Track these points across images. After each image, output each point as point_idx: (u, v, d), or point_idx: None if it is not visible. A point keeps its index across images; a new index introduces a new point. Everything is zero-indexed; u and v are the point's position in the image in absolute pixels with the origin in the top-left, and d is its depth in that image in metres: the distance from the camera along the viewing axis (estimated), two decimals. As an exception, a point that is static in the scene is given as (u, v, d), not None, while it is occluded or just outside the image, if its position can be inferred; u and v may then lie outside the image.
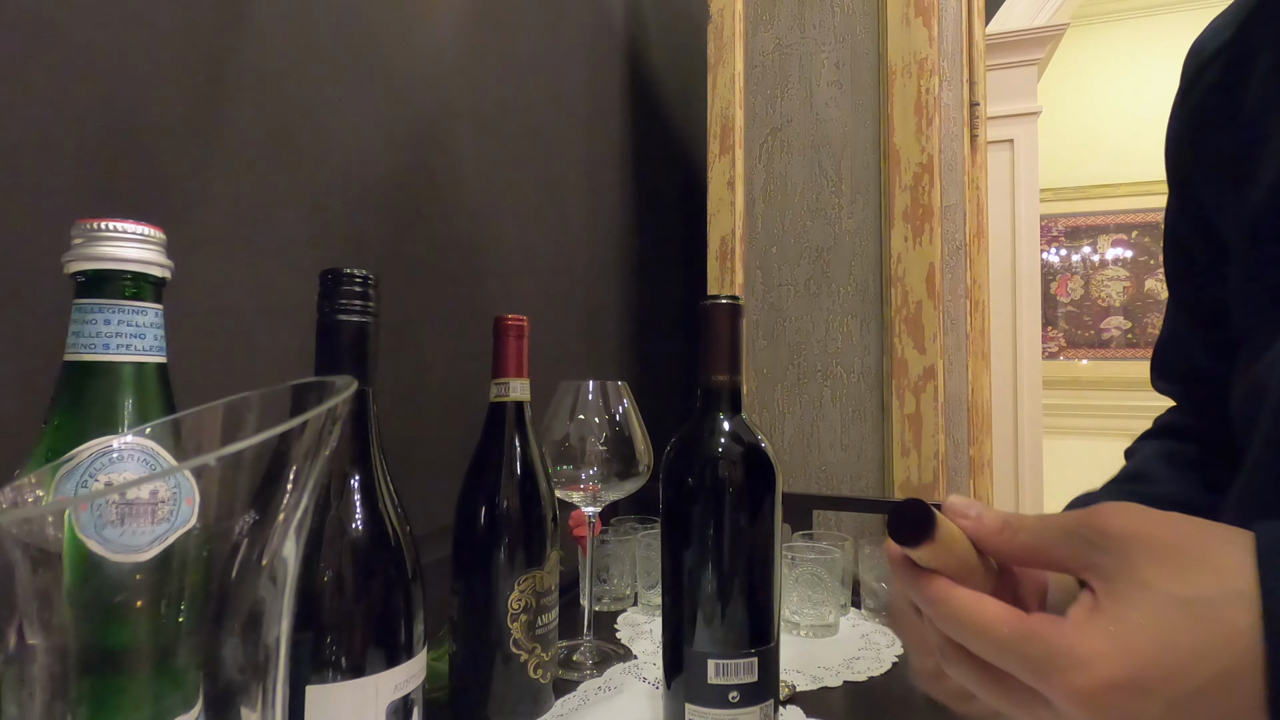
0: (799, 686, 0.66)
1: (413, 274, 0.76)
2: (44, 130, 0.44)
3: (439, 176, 0.81)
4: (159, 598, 0.22)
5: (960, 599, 0.31)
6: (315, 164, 0.64)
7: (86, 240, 0.30)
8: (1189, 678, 0.26)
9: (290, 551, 0.24)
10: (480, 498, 0.57)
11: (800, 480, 1.17)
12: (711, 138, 1.23)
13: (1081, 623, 0.28)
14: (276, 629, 0.24)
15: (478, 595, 0.56)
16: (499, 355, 0.59)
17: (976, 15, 1.29)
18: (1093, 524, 0.30)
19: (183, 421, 0.28)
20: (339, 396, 0.24)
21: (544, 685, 0.58)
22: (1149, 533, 0.29)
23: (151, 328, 0.31)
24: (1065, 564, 0.31)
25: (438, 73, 0.80)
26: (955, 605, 0.31)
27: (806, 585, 0.81)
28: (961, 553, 0.32)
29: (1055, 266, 3.65)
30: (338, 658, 0.39)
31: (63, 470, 0.26)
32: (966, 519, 0.33)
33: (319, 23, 0.65)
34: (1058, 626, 0.28)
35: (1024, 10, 2.25)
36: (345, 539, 0.41)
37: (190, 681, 0.23)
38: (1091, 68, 3.61)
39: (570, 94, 1.12)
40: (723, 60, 1.23)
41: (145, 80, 0.50)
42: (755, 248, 1.21)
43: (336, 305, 0.42)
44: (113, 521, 0.22)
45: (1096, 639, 0.27)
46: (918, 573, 0.32)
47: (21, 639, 0.20)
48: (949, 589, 0.31)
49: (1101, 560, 0.29)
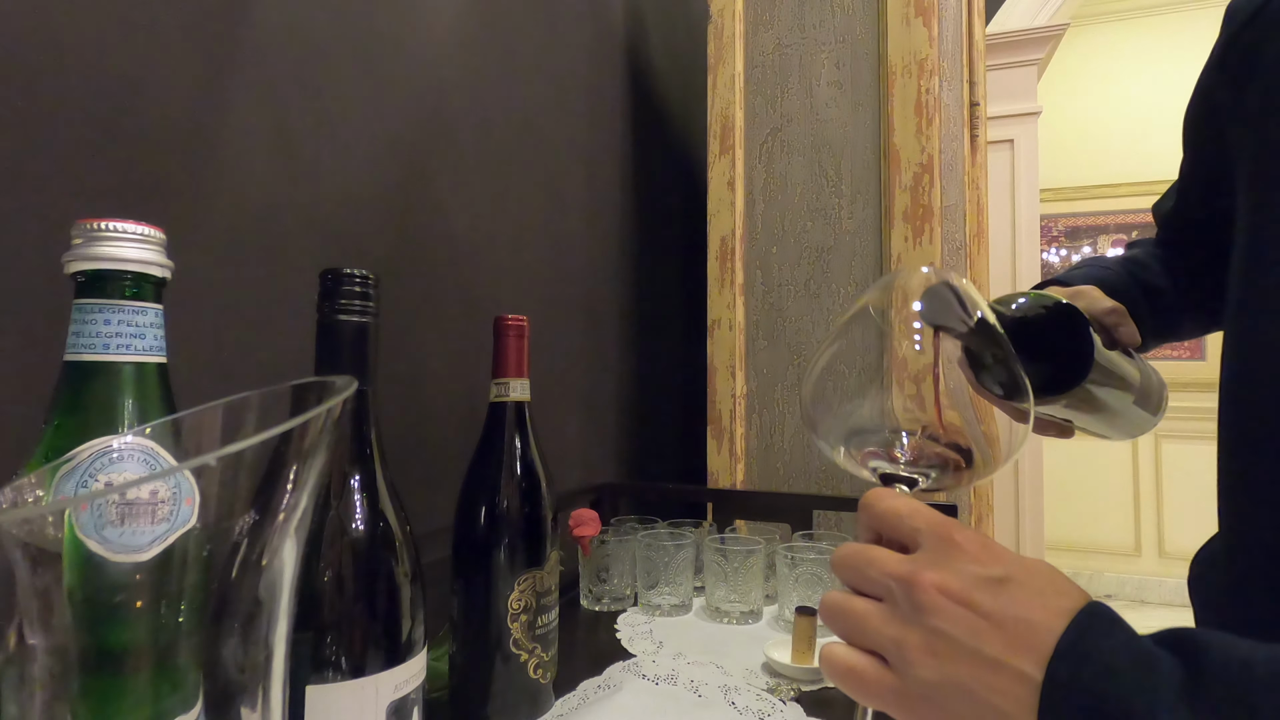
0: (800, 686, 0.66)
1: (413, 274, 0.76)
2: (44, 130, 0.44)
3: (439, 176, 0.81)
4: (159, 598, 0.22)
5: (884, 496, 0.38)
6: (315, 164, 0.64)
7: (86, 240, 0.30)
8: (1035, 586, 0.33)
9: (290, 551, 0.24)
10: (480, 498, 0.57)
11: (800, 480, 1.17)
12: (711, 138, 1.23)
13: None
14: (276, 629, 0.24)
15: (478, 595, 0.56)
16: (499, 355, 0.59)
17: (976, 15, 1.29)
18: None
19: (183, 421, 0.28)
20: (339, 396, 0.24)
21: (544, 685, 0.58)
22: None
23: (151, 328, 0.31)
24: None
25: (438, 73, 0.80)
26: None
27: (806, 585, 0.81)
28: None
29: (1055, 267, 3.65)
30: (338, 658, 0.39)
31: (63, 470, 0.26)
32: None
33: (319, 23, 0.64)
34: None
35: (1024, 10, 2.25)
36: (345, 539, 0.41)
37: (190, 681, 0.23)
38: (1091, 68, 3.61)
39: (570, 94, 1.12)
40: (723, 60, 1.23)
41: (145, 80, 0.50)
42: (755, 248, 1.21)
43: (336, 305, 0.41)
44: (113, 521, 0.22)
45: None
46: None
47: (21, 639, 0.20)
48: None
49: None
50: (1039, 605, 0.32)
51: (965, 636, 0.32)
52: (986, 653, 0.31)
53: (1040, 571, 0.33)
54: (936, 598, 0.32)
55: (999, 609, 0.32)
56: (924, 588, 0.33)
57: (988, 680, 0.31)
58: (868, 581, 0.35)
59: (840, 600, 0.36)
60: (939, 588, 0.32)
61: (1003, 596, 0.32)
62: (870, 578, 0.35)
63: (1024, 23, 2.22)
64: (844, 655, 0.35)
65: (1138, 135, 3.51)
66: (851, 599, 0.36)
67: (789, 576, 0.82)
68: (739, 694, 0.64)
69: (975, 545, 0.34)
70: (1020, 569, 0.33)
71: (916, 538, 0.35)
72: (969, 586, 0.32)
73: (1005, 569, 0.33)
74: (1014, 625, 0.31)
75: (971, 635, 0.32)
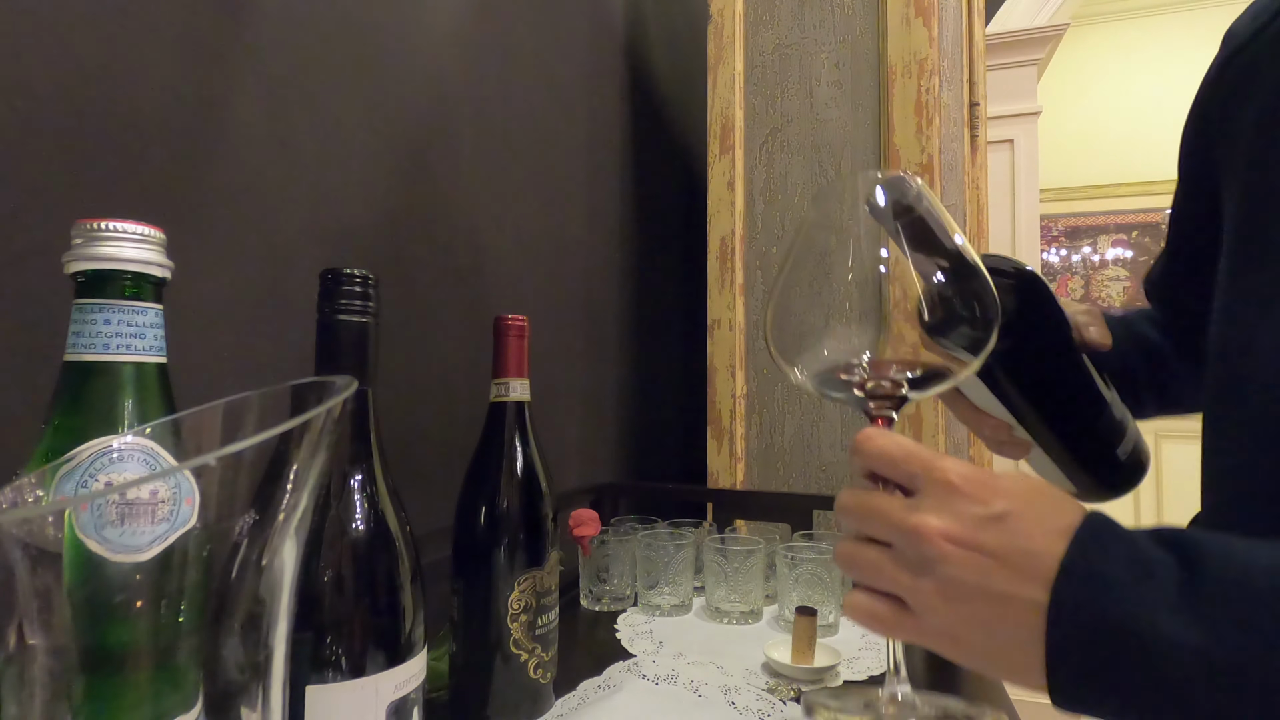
0: (800, 686, 0.66)
1: (413, 274, 0.76)
2: (44, 131, 0.44)
3: (439, 176, 0.81)
4: (159, 598, 0.22)
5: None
6: (315, 164, 0.64)
7: (86, 240, 0.30)
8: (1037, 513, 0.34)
9: (290, 551, 0.24)
10: (480, 498, 0.57)
11: (800, 480, 1.17)
12: (711, 138, 1.23)
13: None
14: (276, 629, 0.24)
15: (478, 595, 0.56)
16: (499, 355, 0.59)
17: (976, 15, 1.29)
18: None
19: (183, 421, 0.28)
20: (339, 396, 0.24)
21: (544, 685, 0.58)
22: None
23: (151, 328, 0.31)
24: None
25: (438, 73, 0.80)
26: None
27: (806, 585, 0.81)
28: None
29: (1055, 267, 3.65)
30: (338, 658, 0.39)
31: (63, 470, 0.26)
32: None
33: (319, 22, 0.64)
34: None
35: (1024, 10, 2.25)
36: (345, 539, 0.41)
37: (190, 681, 0.23)
38: (1091, 68, 3.61)
39: (570, 94, 1.12)
40: (723, 60, 1.23)
41: (145, 80, 0.50)
42: (755, 248, 1.21)
43: (336, 305, 0.41)
44: (113, 521, 0.22)
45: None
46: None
47: (21, 639, 0.20)
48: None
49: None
50: (1039, 533, 0.34)
51: (975, 578, 0.34)
52: (996, 589, 0.33)
53: (1037, 496, 0.35)
54: (943, 546, 0.34)
55: (1003, 545, 0.34)
56: (930, 539, 0.34)
57: (1000, 613, 0.33)
58: (875, 531, 0.37)
59: (852, 549, 0.38)
60: (944, 535, 0.34)
61: (1005, 532, 0.34)
62: (877, 528, 0.37)
63: (1024, 23, 2.22)
64: (865, 602, 0.38)
65: (1138, 135, 3.51)
66: (862, 548, 0.38)
67: (789, 576, 0.82)
68: (739, 694, 0.64)
69: (973, 484, 0.35)
70: (1019, 500, 0.35)
71: (914, 482, 0.37)
72: (972, 529, 0.34)
73: (1005, 504, 0.35)
74: (1019, 558, 0.33)
75: (980, 575, 0.34)
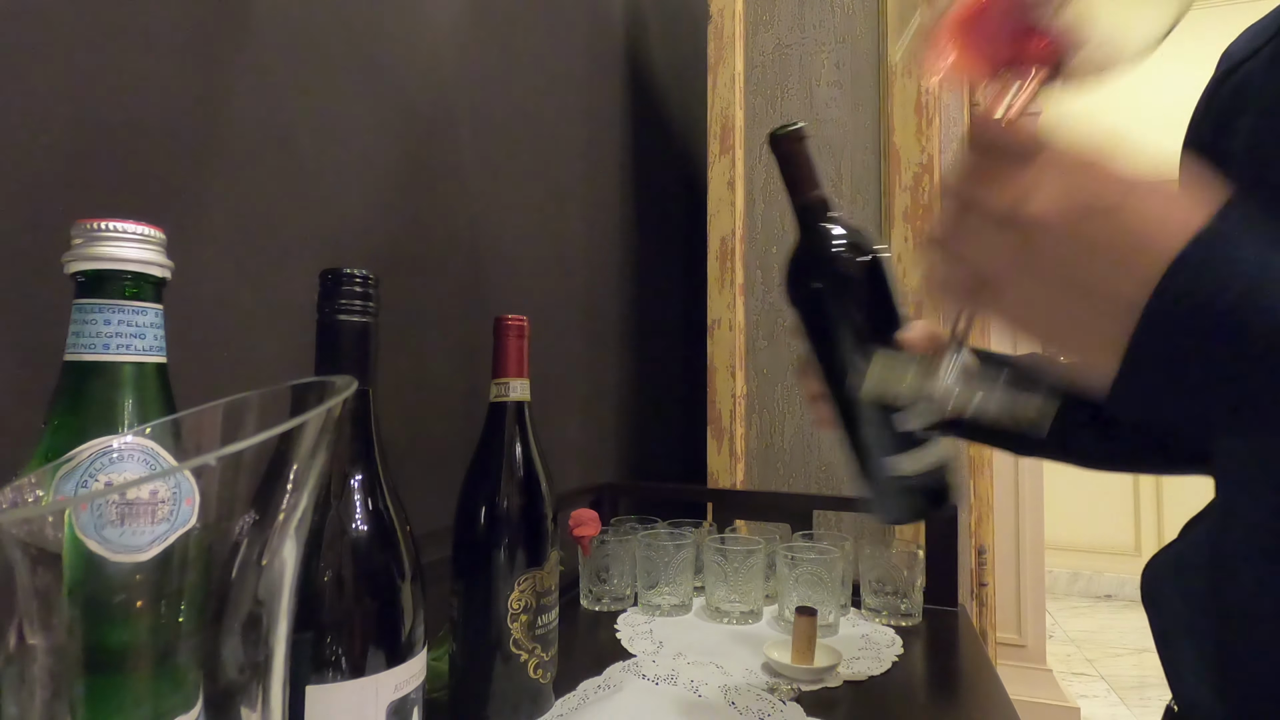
0: (800, 686, 0.66)
1: (413, 274, 0.76)
2: (44, 130, 0.44)
3: (439, 176, 0.81)
4: (159, 598, 0.22)
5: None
6: (315, 164, 0.64)
7: (86, 240, 0.30)
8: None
9: (290, 551, 0.24)
10: (480, 498, 0.57)
11: (800, 480, 1.17)
12: (711, 138, 1.23)
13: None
14: (276, 629, 0.24)
15: (478, 595, 0.56)
16: (499, 355, 0.59)
17: (976, 15, 1.29)
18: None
19: (183, 421, 0.28)
20: (339, 396, 0.24)
21: (544, 685, 0.58)
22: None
23: (151, 328, 0.31)
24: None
25: (438, 72, 0.80)
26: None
27: (806, 585, 0.81)
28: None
29: (1055, 266, 3.65)
30: (338, 658, 0.39)
31: (63, 470, 0.26)
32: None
33: (319, 22, 0.64)
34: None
35: (1024, 10, 2.25)
36: (345, 539, 0.41)
37: (190, 681, 0.23)
38: (1091, 68, 3.61)
39: (570, 94, 1.12)
40: (723, 60, 1.23)
41: (146, 80, 0.50)
42: (755, 248, 1.21)
43: (337, 305, 0.42)
44: (113, 521, 0.22)
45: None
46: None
47: (21, 639, 0.20)
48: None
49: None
50: (1156, 228, 0.32)
51: (1069, 263, 0.33)
52: (1085, 279, 0.32)
53: (1155, 196, 0.33)
54: (1043, 223, 0.33)
55: (1106, 238, 0.32)
56: (1033, 213, 0.33)
57: (1088, 304, 0.33)
58: (981, 198, 0.36)
59: (954, 218, 0.36)
60: (1051, 213, 0.33)
61: (1111, 225, 0.33)
62: (983, 196, 0.35)
63: (1024, 22, 2.22)
64: (948, 271, 0.37)
65: (1138, 136, 3.50)
66: (965, 216, 0.36)
67: (789, 576, 0.82)
68: (739, 694, 0.64)
69: (1089, 171, 0.34)
70: (1134, 195, 0.33)
71: (1028, 158, 0.35)
72: (1077, 217, 0.33)
73: (1120, 195, 0.33)
74: (1120, 252, 0.32)
75: (1076, 263, 0.33)
